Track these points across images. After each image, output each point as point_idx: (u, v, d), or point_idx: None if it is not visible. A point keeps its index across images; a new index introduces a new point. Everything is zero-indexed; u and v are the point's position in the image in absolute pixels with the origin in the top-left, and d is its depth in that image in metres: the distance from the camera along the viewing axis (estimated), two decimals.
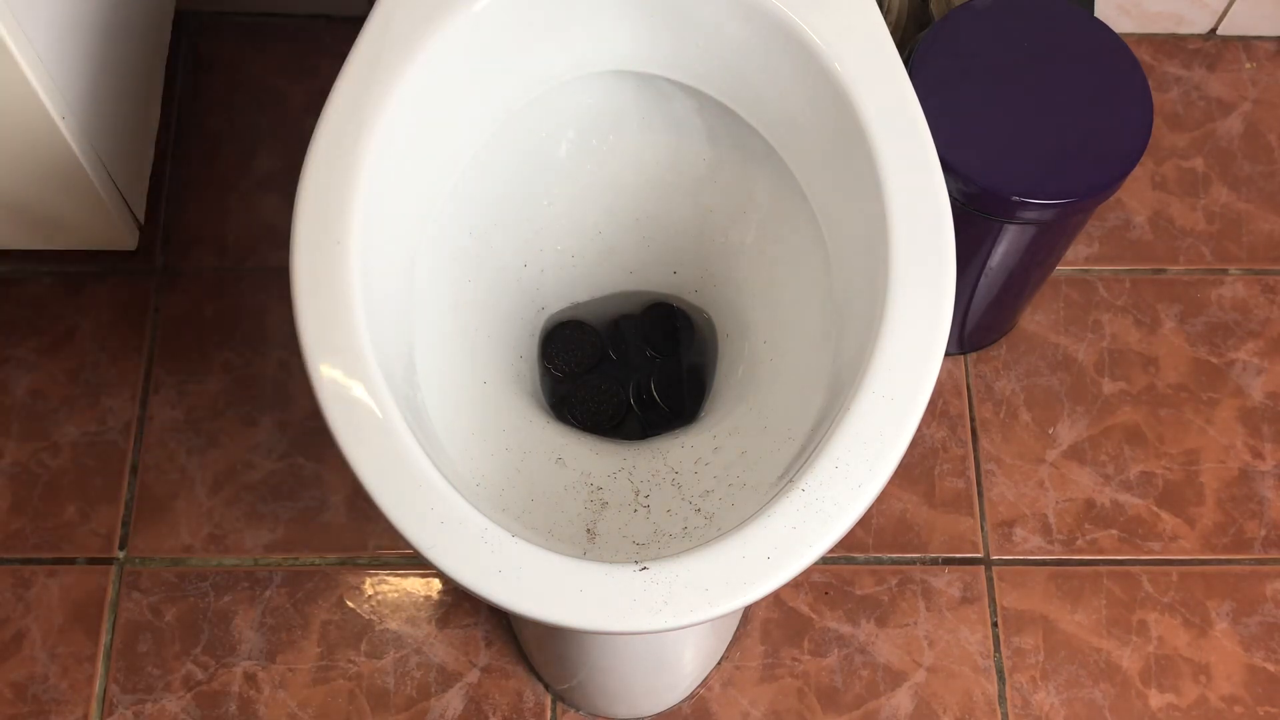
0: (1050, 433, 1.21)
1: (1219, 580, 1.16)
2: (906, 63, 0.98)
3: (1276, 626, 1.14)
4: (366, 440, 0.71)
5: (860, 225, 0.81)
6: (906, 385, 0.73)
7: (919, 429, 1.00)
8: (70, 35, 0.94)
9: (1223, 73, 1.36)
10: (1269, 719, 1.12)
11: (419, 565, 1.15)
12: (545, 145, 0.96)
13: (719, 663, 1.12)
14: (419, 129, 0.83)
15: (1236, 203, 1.31)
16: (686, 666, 1.08)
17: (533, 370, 1.02)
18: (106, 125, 1.00)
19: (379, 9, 0.83)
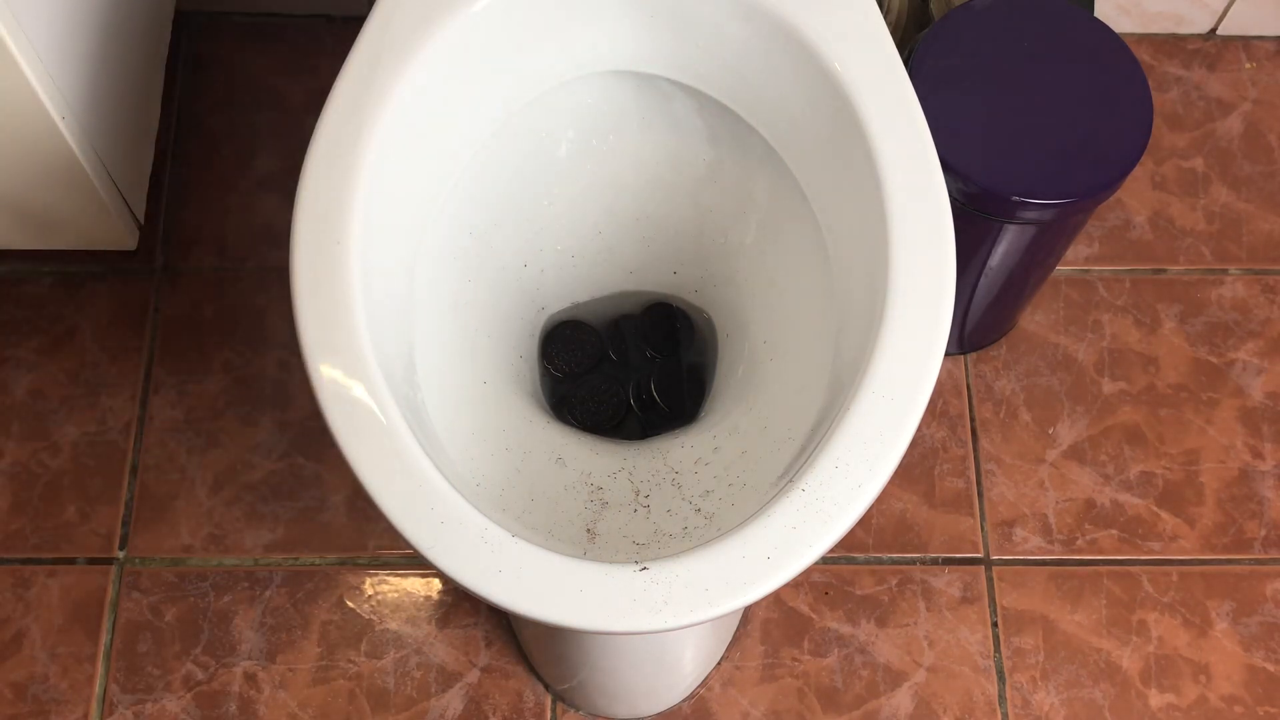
0: (1050, 433, 1.21)
1: (1219, 580, 1.16)
2: (906, 63, 0.98)
3: (1276, 626, 1.14)
4: (366, 440, 0.71)
5: (860, 225, 0.80)
6: (906, 385, 0.73)
7: (919, 429, 1.00)
8: (70, 35, 0.94)
9: (1223, 73, 1.36)
10: (1269, 719, 1.12)
11: (419, 565, 1.14)
12: (545, 145, 0.96)
13: (719, 663, 1.12)
14: (419, 129, 0.83)
15: (1236, 203, 1.31)
16: (686, 666, 1.08)
17: (533, 370, 1.02)
18: (106, 125, 1.00)
19: (379, 9, 0.83)
